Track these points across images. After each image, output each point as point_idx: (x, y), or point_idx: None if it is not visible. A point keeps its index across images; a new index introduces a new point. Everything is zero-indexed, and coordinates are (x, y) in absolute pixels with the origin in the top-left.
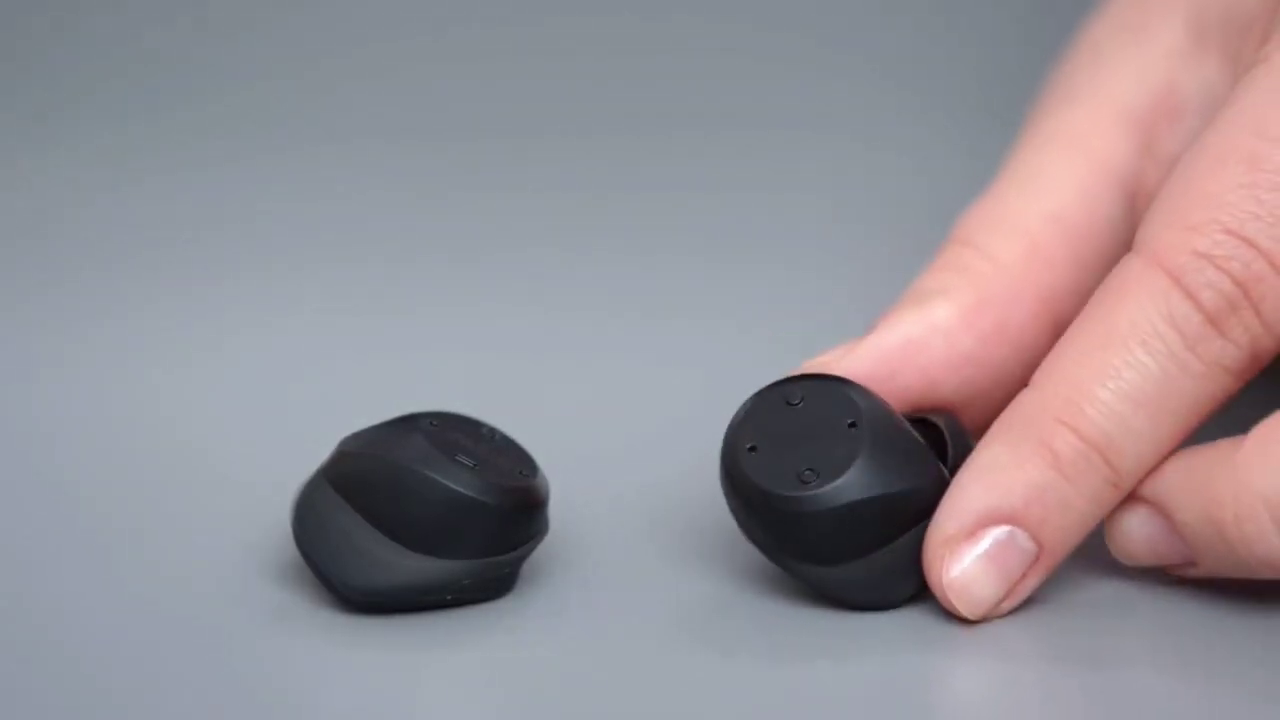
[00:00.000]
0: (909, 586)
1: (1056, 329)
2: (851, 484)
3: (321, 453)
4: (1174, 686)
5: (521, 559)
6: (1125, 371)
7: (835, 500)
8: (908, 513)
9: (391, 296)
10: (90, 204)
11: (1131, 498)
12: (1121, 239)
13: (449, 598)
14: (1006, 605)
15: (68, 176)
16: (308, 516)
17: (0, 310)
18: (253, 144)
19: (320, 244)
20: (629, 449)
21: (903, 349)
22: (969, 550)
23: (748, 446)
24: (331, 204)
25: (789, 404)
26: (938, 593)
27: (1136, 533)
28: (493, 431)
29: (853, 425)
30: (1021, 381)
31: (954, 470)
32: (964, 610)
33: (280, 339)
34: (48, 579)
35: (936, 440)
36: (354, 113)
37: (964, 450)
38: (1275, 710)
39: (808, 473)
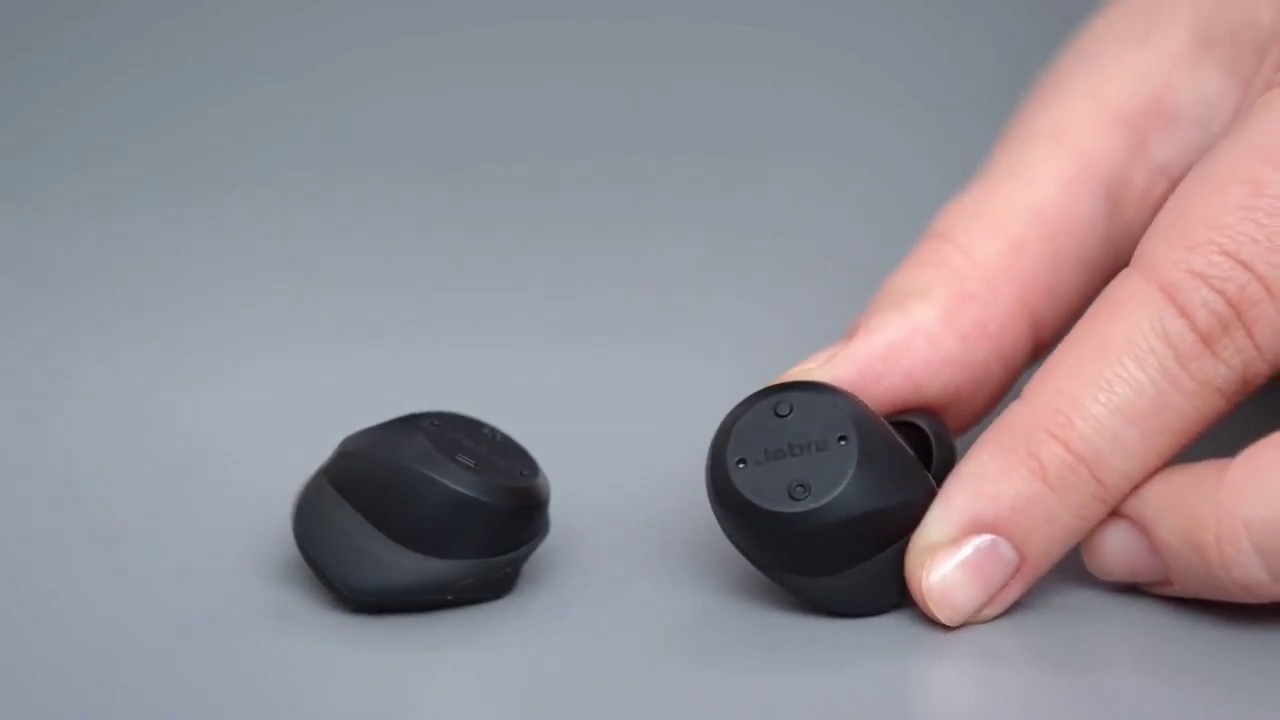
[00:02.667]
0: (896, 594)
1: (1034, 327)
2: (843, 500)
3: (322, 453)
4: (1157, 689)
5: (522, 559)
6: (1117, 385)
7: (827, 517)
8: (898, 525)
9: (393, 298)
10: (95, 222)
11: (1110, 513)
12: (1102, 239)
13: (449, 598)
14: (988, 613)
15: (64, 201)
16: (308, 516)
17: (4, 315)
18: (257, 158)
19: (321, 245)
20: (629, 449)
21: (886, 353)
22: (950, 557)
23: (736, 460)
24: (334, 208)
25: (778, 415)
26: (918, 598)
27: (1114, 548)
28: (494, 431)
29: (843, 439)
30: (1002, 380)
31: (939, 474)
32: (942, 617)
33: (280, 339)
34: (49, 578)
35: (921, 443)
36: (356, 132)
37: (948, 453)
38: (1258, 711)
39: (799, 489)
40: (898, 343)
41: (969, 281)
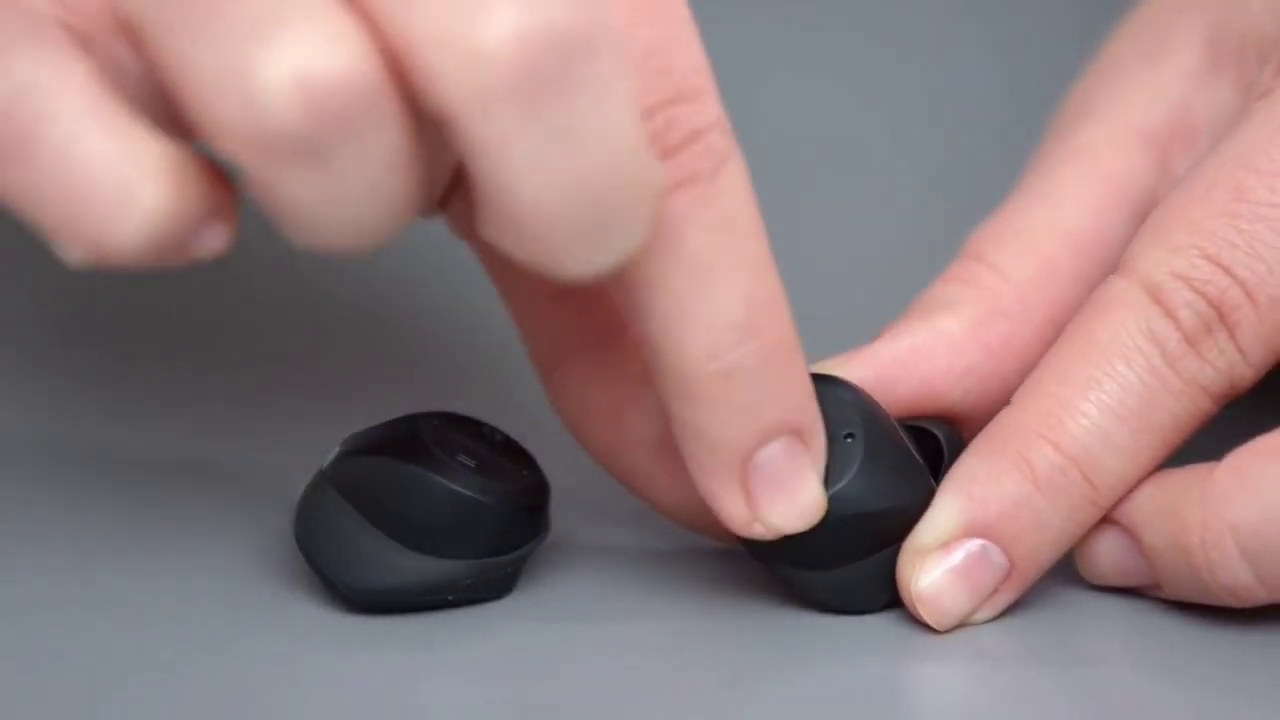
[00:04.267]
0: (888, 595)
1: None
2: (841, 498)
3: (323, 453)
4: (1148, 685)
5: (522, 559)
6: (1106, 384)
7: (827, 511)
8: (895, 528)
9: (393, 295)
10: None
11: (1101, 519)
12: None
13: (449, 598)
14: (980, 617)
15: None
16: (309, 516)
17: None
18: None
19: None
20: None
21: (906, 357)
22: (940, 562)
23: None
24: None
25: None
26: (907, 602)
27: (1104, 553)
28: (494, 431)
29: (849, 437)
30: None
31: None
32: (931, 621)
33: (280, 337)
34: (48, 578)
35: (934, 450)
36: None
37: None
38: (1249, 708)
39: None
40: (919, 348)
41: (1001, 299)
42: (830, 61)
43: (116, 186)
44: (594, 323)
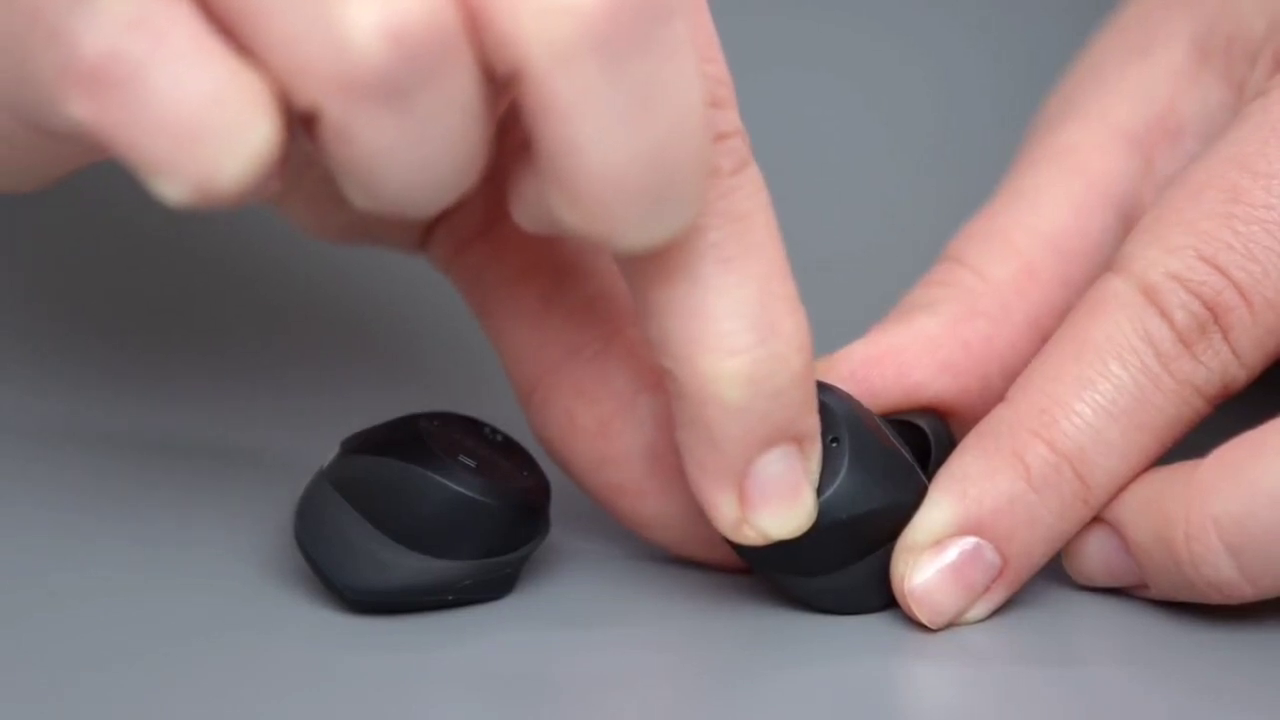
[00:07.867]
0: (885, 596)
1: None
2: (832, 504)
3: (323, 453)
4: (1136, 685)
5: (523, 559)
6: (1100, 383)
7: (816, 520)
8: (887, 529)
9: (393, 295)
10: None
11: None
12: None
13: (450, 598)
14: (974, 615)
15: None
16: (309, 517)
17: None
18: None
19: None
20: None
21: (883, 355)
22: (933, 560)
23: None
24: None
25: None
26: (901, 601)
27: (1092, 553)
28: (494, 431)
29: (835, 441)
30: None
31: (935, 474)
32: (925, 619)
33: (281, 337)
34: (48, 578)
35: (921, 443)
36: None
37: (948, 454)
38: (1235, 705)
39: None
40: (896, 347)
41: (980, 300)
42: (823, 60)
43: (229, 120)
44: (579, 335)
